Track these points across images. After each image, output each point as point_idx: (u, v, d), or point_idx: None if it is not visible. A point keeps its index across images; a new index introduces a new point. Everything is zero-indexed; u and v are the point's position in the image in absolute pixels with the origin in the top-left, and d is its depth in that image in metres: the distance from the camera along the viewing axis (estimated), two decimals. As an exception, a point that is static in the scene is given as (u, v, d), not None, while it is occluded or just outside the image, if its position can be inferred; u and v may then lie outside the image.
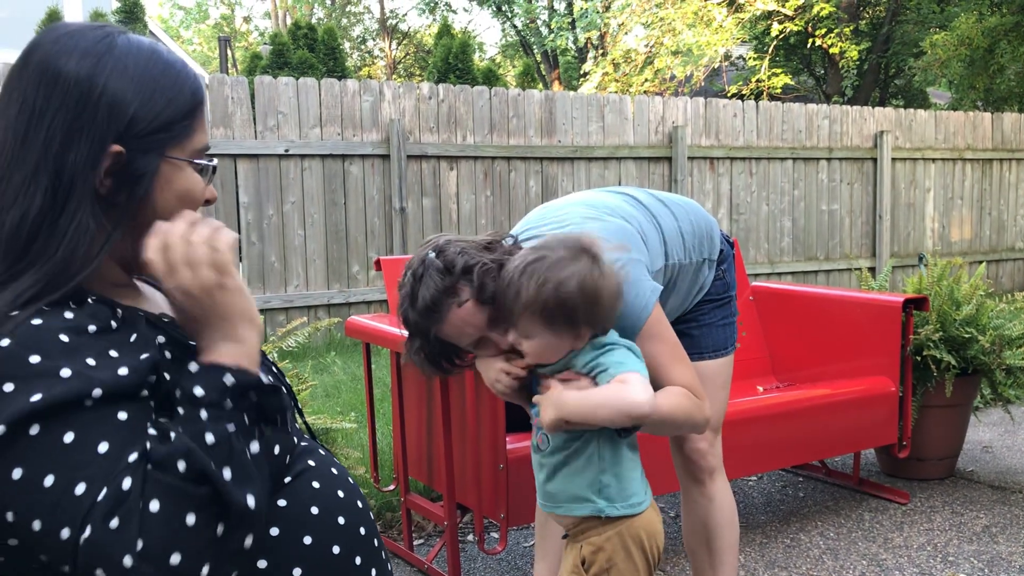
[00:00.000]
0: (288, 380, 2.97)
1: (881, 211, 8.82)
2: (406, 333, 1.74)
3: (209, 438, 0.90)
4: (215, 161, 1.13)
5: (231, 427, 0.93)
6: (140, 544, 0.84)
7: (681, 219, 2.13)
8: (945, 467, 3.74)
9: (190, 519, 0.87)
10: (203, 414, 0.92)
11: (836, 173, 8.64)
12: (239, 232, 6.06)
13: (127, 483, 0.86)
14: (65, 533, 0.86)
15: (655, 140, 7.75)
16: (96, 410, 0.90)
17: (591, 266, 1.60)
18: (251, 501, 0.90)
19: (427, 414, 2.74)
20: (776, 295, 3.79)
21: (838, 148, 8.62)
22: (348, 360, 5.58)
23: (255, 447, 0.95)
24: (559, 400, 1.62)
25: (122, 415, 0.91)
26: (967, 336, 3.48)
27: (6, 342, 0.90)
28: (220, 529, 0.89)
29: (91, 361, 0.92)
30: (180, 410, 0.94)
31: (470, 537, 3.14)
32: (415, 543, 3.10)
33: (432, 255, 1.66)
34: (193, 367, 0.97)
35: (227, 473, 0.89)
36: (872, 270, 8.70)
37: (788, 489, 3.68)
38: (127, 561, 0.84)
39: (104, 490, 0.86)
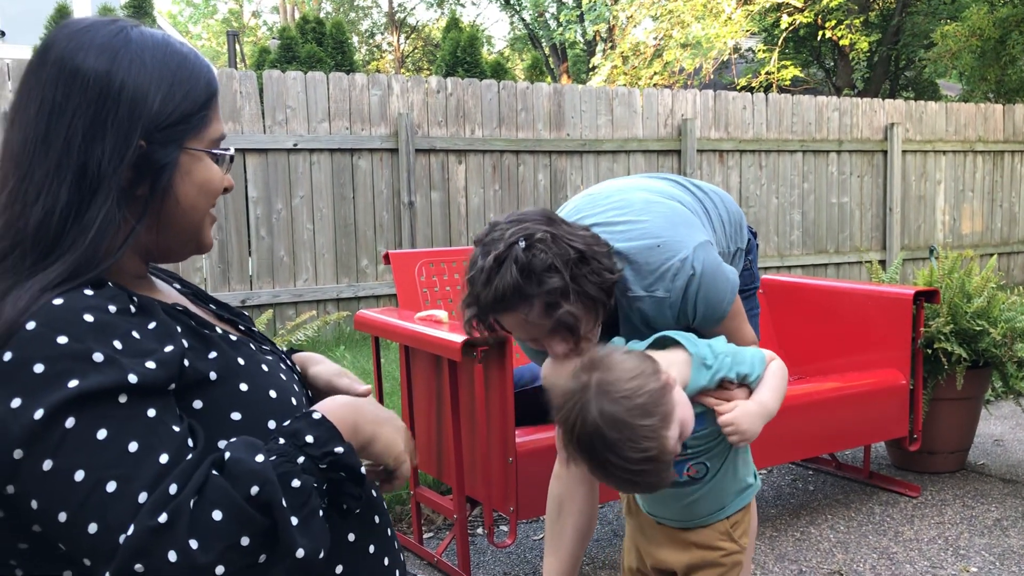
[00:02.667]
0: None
1: (891, 204, 8.77)
2: (465, 297, 1.69)
3: (296, 482, 0.92)
4: (231, 150, 1.14)
5: (315, 485, 0.95)
6: (194, 544, 0.85)
7: (719, 206, 2.13)
8: (956, 460, 3.72)
9: (244, 540, 0.88)
10: (300, 459, 0.94)
11: (846, 166, 8.60)
12: (248, 226, 6.08)
13: (173, 488, 0.87)
14: (92, 528, 0.86)
15: (664, 133, 7.73)
16: (128, 407, 0.91)
17: (632, 392, 1.45)
18: (300, 553, 0.90)
19: (436, 407, 2.74)
20: (786, 288, 3.78)
21: (848, 140, 8.57)
22: (357, 354, 5.59)
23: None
24: (759, 409, 1.58)
25: (151, 412, 0.92)
26: (978, 329, 3.46)
27: (32, 324, 0.90)
28: (263, 559, 0.90)
29: (118, 344, 0.92)
30: (280, 440, 0.96)
31: (480, 530, 3.14)
32: (425, 536, 3.11)
33: (522, 245, 1.57)
34: (317, 415, 1.00)
35: (294, 519, 0.90)
36: (882, 263, 8.66)
37: (798, 482, 3.67)
38: (172, 556, 0.84)
39: (144, 493, 0.87)
